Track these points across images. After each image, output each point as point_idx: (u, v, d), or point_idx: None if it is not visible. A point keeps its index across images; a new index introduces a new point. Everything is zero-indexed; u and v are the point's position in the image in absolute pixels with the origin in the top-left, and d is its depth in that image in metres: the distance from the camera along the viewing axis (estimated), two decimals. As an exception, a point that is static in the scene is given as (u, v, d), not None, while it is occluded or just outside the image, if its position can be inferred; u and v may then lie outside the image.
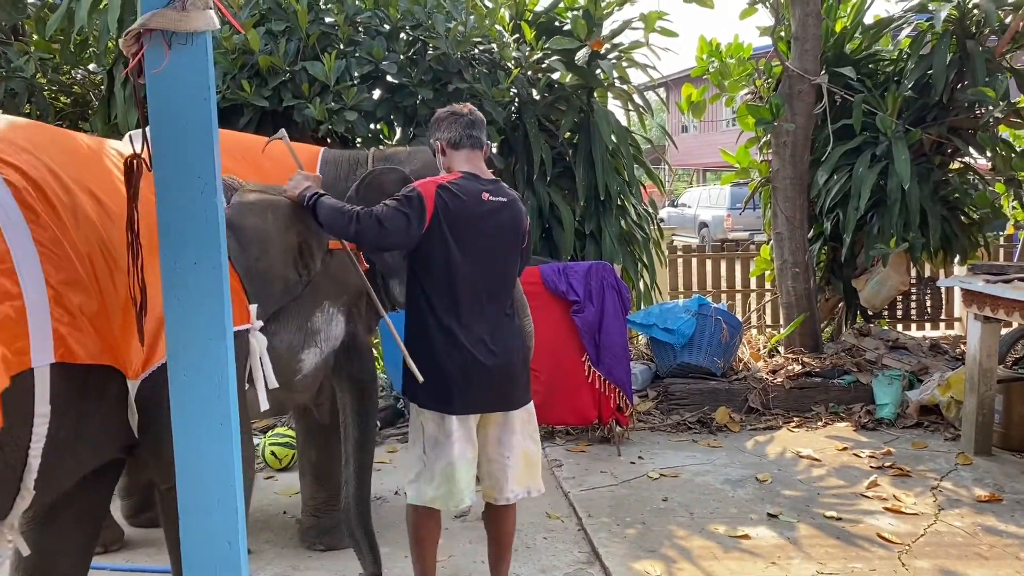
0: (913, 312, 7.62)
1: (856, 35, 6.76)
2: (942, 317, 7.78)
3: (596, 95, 5.81)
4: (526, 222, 3.04)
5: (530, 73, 5.58)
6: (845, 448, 5.01)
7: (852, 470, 4.64)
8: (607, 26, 5.75)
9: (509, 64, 5.45)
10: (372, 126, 5.35)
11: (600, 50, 5.58)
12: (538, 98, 5.67)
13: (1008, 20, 6.19)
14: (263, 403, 2.64)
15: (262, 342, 2.63)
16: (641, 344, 6.41)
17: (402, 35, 5.35)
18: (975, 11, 6.22)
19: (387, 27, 5.32)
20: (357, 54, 5.15)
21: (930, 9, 6.35)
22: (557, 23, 5.85)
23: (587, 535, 3.80)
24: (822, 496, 4.26)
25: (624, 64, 5.90)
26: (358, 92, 4.99)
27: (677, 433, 5.34)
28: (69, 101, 5.86)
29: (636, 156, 6.08)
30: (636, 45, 5.85)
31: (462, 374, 2.83)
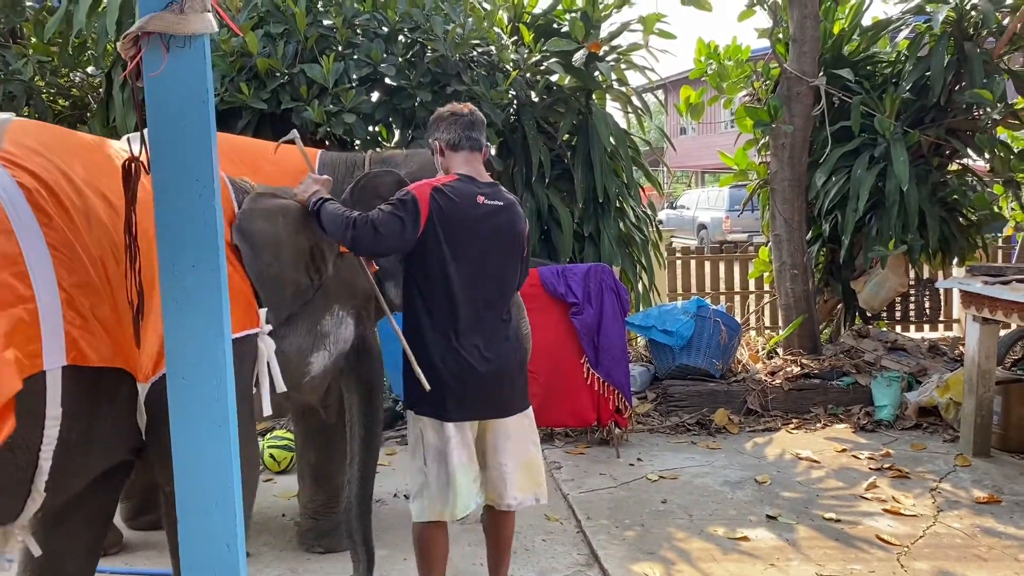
0: (912, 313, 7.63)
1: (854, 37, 6.77)
2: (941, 319, 7.78)
3: (594, 97, 5.81)
4: (525, 227, 2.99)
5: (528, 75, 5.58)
6: (844, 450, 5.01)
7: (851, 472, 4.64)
8: (605, 28, 5.76)
9: (507, 66, 5.45)
10: (371, 128, 5.36)
11: (598, 52, 5.58)
12: (536, 100, 5.68)
13: (1006, 22, 6.20)
14: (266, 408, 2.65)
15: (270, 346, 2.64)
16: (640, 346, 6.41)
17: (400, 37, 5.36)
18: (973, 13, 6.24)
19: (385, 29, 5.32)
20: (355, 56, 5.15)
21: (928, 11, 6.36)
22: (555, 25, 5.86)
23: (586, 537, 3.80)
24: (821, 498, 4.26)
25: (622, 66, 5.91)
26: (356, 94, 4.99)
27: (676, 435, 5.34)
28: (67, 104, 5.86)
29: (635, 158, 6.09)
30: (634, 47, 5.86)
31: (457, 380, 2.79)
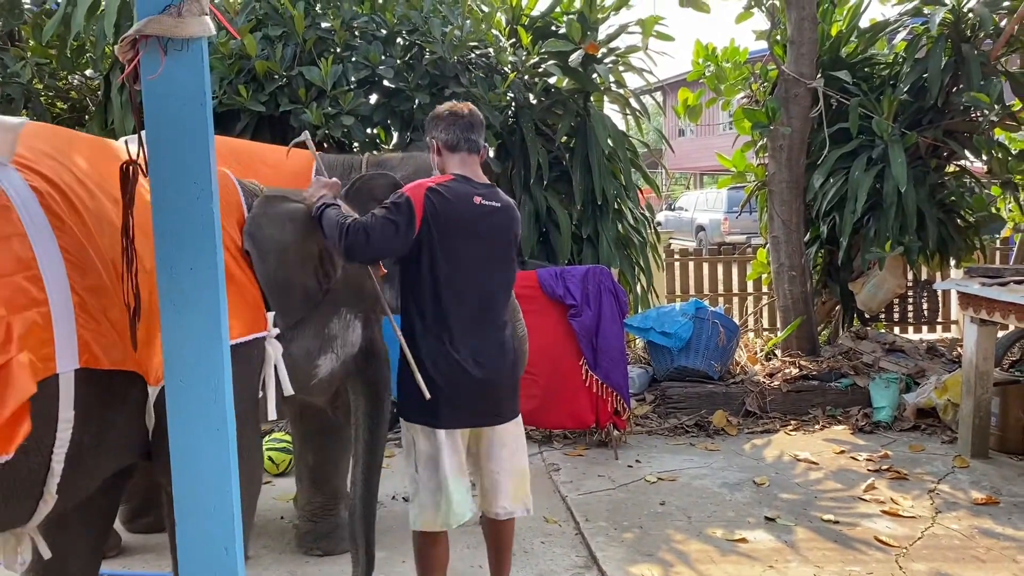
0: (910, 315, 7.64)
1: (852, 39, 6.78)
2: (939, 320, 7.79)
3: (593, 99, 5.82)
4: (519, 229, 2.95)
5: (527, 77, 5.59)
6: (842, 451, 5.01)
7: (849, 473, 4.64)
8: (603, 30, 5.77)
9: (506, 68, 5.46)
10: (369, 131, 5.36)
11: (596, 54, 5.59)
12: (535, 102, 5.69)
13: (1003, 24, 6.21)
14: (272, 412, 2.65)
15: (278, 349, 2.64)
16: (638, 348, 6.41)
17: (399, 40, 5.37)
18: (970, 15, 6.25)
19: (383, 32, 5.33)
20: (354, 59, 5.15)
21: (925, 13, 6.39)
22: (553, 27, 5.87)
23: (584, 539, 3.80)
24: (819, 499, 4.26)
25: (620, 68, 5.92)
26: (355, 97, 5.00)
27: (674, 437, 5.34)
28: (66, 107, 5.86)
29: (633, 160, 6.09)
30: (632, 49, 5.87)
31: (450, 386, 2.74)
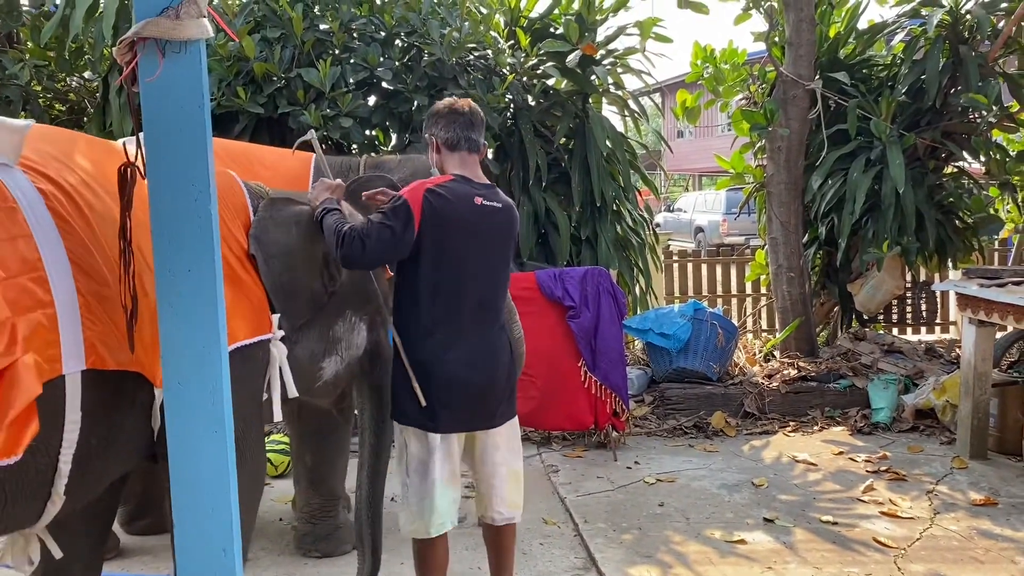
0: (908, 316, 7.65)
1: (850, 40, 6.78)
2: (937, 321, 7.80)
3: (591, 101, 5.82)
4: (518, 230, 2.94)
5: (525, 79, 5.59)
6: (841, 452, 5.01)
7: (848, 474, 4.64)
8: (602, 32, 5.77)
9: (504, 70, 5.46)
10: (367, 132, 5.36)
11: (593, 54, 5.59)
12: (533, 104, 5.69)
13: (1000, 25, 6.22)
14: (277, 414, 2.65)
15: (283, 352, 2.64)
16: (637, 349, 6.41)
17: (397, 41, 5.37)
18: (968, 16, 6.27)
19: (382, 34, 5.33)
20: (352, 61, 5.15)
21: (923, 14, 6.40)
22: (552, 29, 5.87)
23: (583, 541, 3.80)
24: (818, 500, 4.26)
25: (619, 70, 5.92)
26: (353, 99, 5.00)
27: (673, 438, 5.34)
28: (64, 108, 5.86)
29: (631, 161, 6.10)
30: (631, 51, 5.87)
31: (445, 390, 2.70)
